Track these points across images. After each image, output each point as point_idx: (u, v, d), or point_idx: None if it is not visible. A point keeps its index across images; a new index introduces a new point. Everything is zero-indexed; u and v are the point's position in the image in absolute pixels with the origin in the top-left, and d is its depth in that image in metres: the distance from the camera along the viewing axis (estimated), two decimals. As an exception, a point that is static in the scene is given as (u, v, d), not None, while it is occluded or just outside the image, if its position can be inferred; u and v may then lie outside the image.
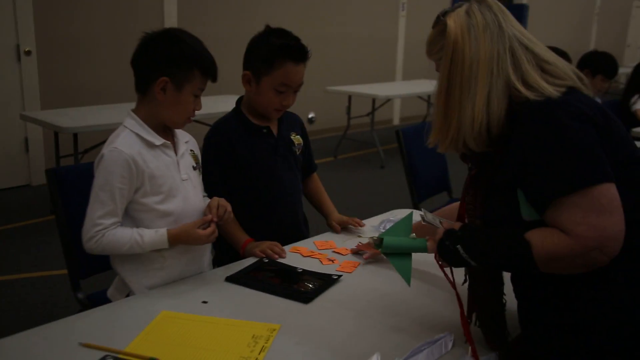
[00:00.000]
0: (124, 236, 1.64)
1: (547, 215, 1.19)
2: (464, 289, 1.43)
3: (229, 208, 1.76)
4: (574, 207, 1.14)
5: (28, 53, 4.99)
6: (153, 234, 1.66)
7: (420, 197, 3.30)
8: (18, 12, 4.90)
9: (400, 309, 1.56)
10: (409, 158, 3.26)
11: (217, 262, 2.17)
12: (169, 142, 1.73)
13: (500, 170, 1.27)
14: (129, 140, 1.67)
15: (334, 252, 1.96)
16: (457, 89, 1.27)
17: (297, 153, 2.17)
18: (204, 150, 2.02)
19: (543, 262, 1.19)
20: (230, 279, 1.71)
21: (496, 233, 1.29)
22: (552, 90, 1.23)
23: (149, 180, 1.66)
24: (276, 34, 1.99)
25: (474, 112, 1.25)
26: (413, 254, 1.52)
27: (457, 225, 1.35)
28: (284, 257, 1.89)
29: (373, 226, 2.20)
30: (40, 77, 5.11)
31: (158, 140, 1.70)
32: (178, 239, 1.67)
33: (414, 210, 1.64)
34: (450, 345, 1.38)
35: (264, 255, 1.88)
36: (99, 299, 2.01)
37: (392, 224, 2.22)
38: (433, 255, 1.39)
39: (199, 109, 1.73)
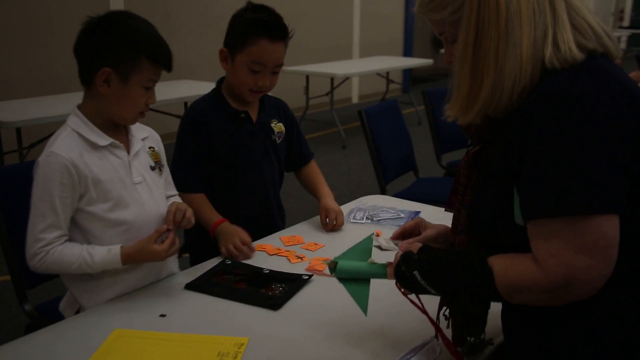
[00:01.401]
0: (72, 254, 1.47)
1: (527, 231, 1.03)
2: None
3: (189, 213, 1.59)
4: (553, 235, 0.98)
5: (-38, 43, 4.68)
6: (105, 253, 1.48)
7: (387, 179, 3.19)
8: (-52, -1, 4.57)
9: (380, 310, 1.42)
10: (373, 139, 3.14)
11: (187, 248, 2.03)
12: (117, 141, 1.54)
13: (500, 154, 1.08)
14: (68, 142, 1.48)
15: (302, 248, 1.81)
16: (493, 37, 1.03)
17: (277, 142, 2.01)
18: (179, 130, 1.91)
19: (506, 292, 1.04)
20: (191, 286, 1.55)
21: (457, 257, 1.13)
22: (577, 55, 1.02)
23: (93, 185, 1.48)
24: (254, 9, 1.85)
25: (521, 59, 1.02)
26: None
27: (416, 247, 1.20)
28: (249, 257, 1.74)
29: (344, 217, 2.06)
30: (-23, 68, 4.80)
31: (104, 139, 1.52)
32: (133, 259, 1.49)
33: (376, 232, 1.43)
34: (438, 349, 1.26)
35: (228, 255, 1.72)
36: (50, 310, 1.85)
37: (362, 212, 2.10)
38: (394, 282, 1.21)
39: (152, 102, 1.54)
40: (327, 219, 1.95)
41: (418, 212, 2.10)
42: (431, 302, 1.24)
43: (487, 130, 1.14)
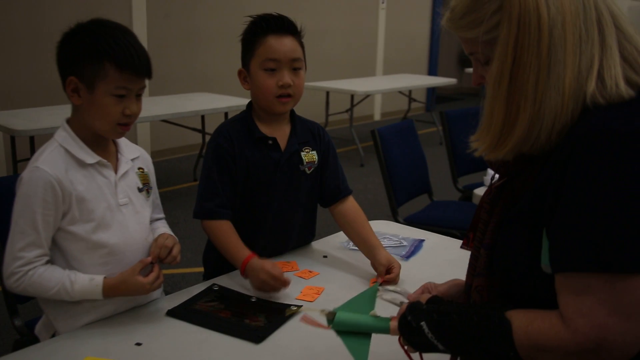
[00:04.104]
0: (52, 279, 1.39)
1: (556, 283, 0.91)
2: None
3: (175, 250, 1.50)
4: (585, 291, 0.86)
5: (-16, 50, 4.71)
6: (86, 283, 1.41)
7: (399, 201, 3.10)
8: (-28, 5, 4.61)
9: (376, 348, 1.33)
10: (387, 159, 3.06)
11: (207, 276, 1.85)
12: (105, 160, 1.48)
13: (530, 192, 0.97)
14: (54, 158, 1.41)
15: (295, 275, 1.72)
16: (533, 66, 0.91)
17: (308, 172, 1.83)
18: (205, 153, 1.79)
19: (526, 352, 0.92)
20: (172, 313, 1.48)
21: (471, 308, 1.01)
22: (624, 92, 0.90)
23: (77, 204, 1.41)
24: (256, 16, 1.76)
25: (563, 94, 0.91)
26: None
27: (425, 298, 1.09)
28: (286, 287, 1.59)
29: (341, 243, 1.97)
30: (-3, 75, 4.83)
31: (91, 157, 1.45)
32: (116, 291, 1.42)
33: (378, 283, 1.30)
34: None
35: (265, 291, 1.58)
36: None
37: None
38: (397, 338, 1.10)
39: (131, 112, 1.43)
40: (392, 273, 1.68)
41: (422, 241, 2.00)
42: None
43: (515, 164, 1.02)
